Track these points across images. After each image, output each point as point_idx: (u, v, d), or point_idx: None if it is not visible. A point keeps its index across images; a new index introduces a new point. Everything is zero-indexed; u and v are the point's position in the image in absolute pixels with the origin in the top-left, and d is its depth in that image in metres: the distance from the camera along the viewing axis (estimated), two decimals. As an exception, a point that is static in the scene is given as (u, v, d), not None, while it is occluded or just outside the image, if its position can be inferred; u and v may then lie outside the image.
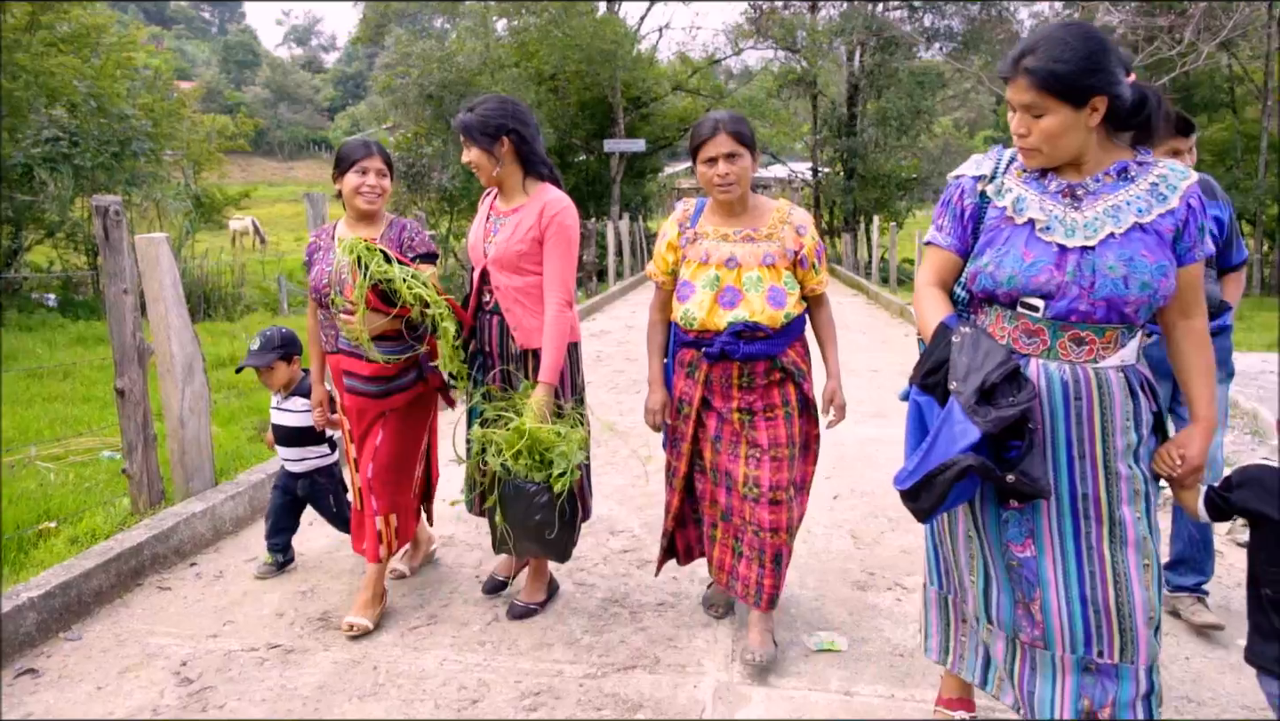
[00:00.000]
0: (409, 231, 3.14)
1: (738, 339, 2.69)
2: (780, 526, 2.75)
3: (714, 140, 2.66)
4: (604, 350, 9.92)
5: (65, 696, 2.71)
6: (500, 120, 2.92)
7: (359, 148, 3.09)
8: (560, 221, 2.93)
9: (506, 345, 3.04)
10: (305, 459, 3.57)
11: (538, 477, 2.78)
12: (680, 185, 34.58)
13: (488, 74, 18.98)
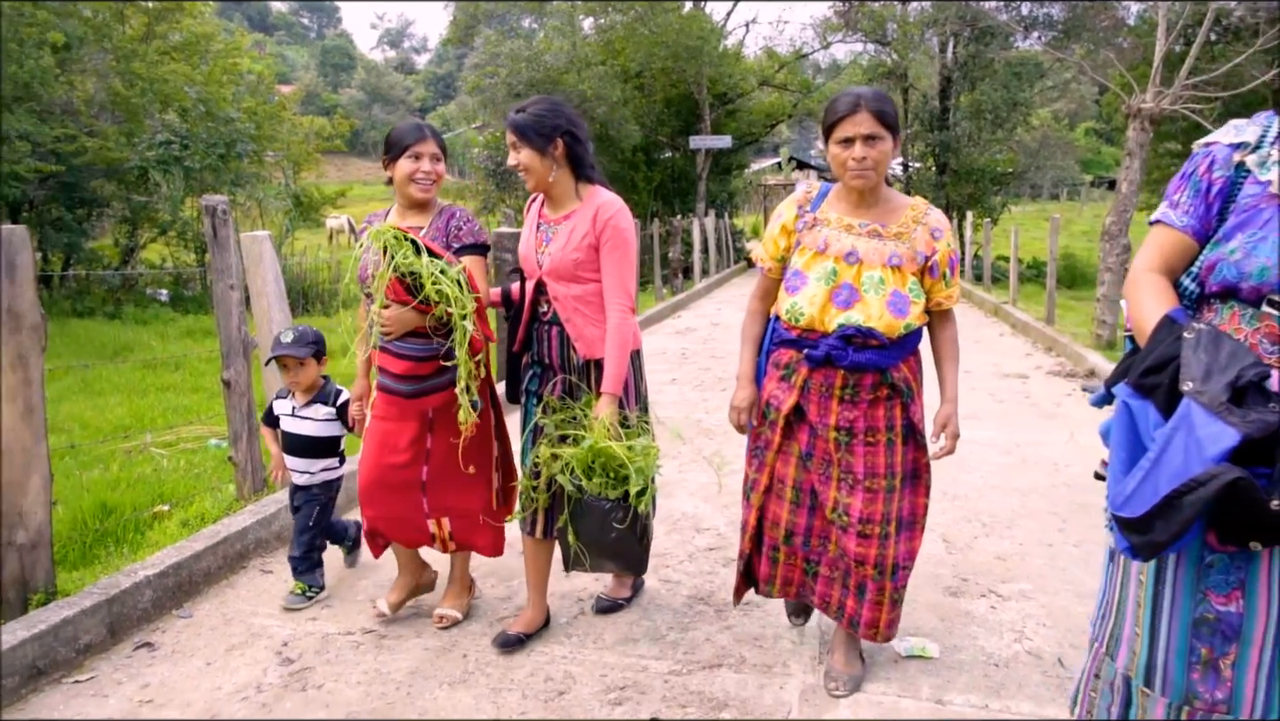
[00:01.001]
0: (457, 220, 2.96)
1: (847, 344, 2.41)
2: (867, 560, 2.50)
3: (853, 118, 2.34)
4: (689, 348, 9.91)
5: (178, 670, 2.86)
6: (555, 120, 2.73)
7: (411, 131, 2.91)
8: (616, 225, 2.76)
9: (568, 356, 2.86)
10: (314, 471, 3.33)
11: (613, 495, 2.63)
12: (767, 181, 34.27)
13: (574, 72, 19.15)
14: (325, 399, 3.31)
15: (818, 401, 2.50)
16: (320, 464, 3.33)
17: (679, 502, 4.48)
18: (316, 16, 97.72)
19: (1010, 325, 11.84)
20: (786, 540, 2.63)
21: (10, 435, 2.85)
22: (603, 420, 2.67)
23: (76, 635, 2.89)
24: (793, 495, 2.60)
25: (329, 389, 3.33)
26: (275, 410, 3.36)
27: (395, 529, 3.04)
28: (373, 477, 2.95)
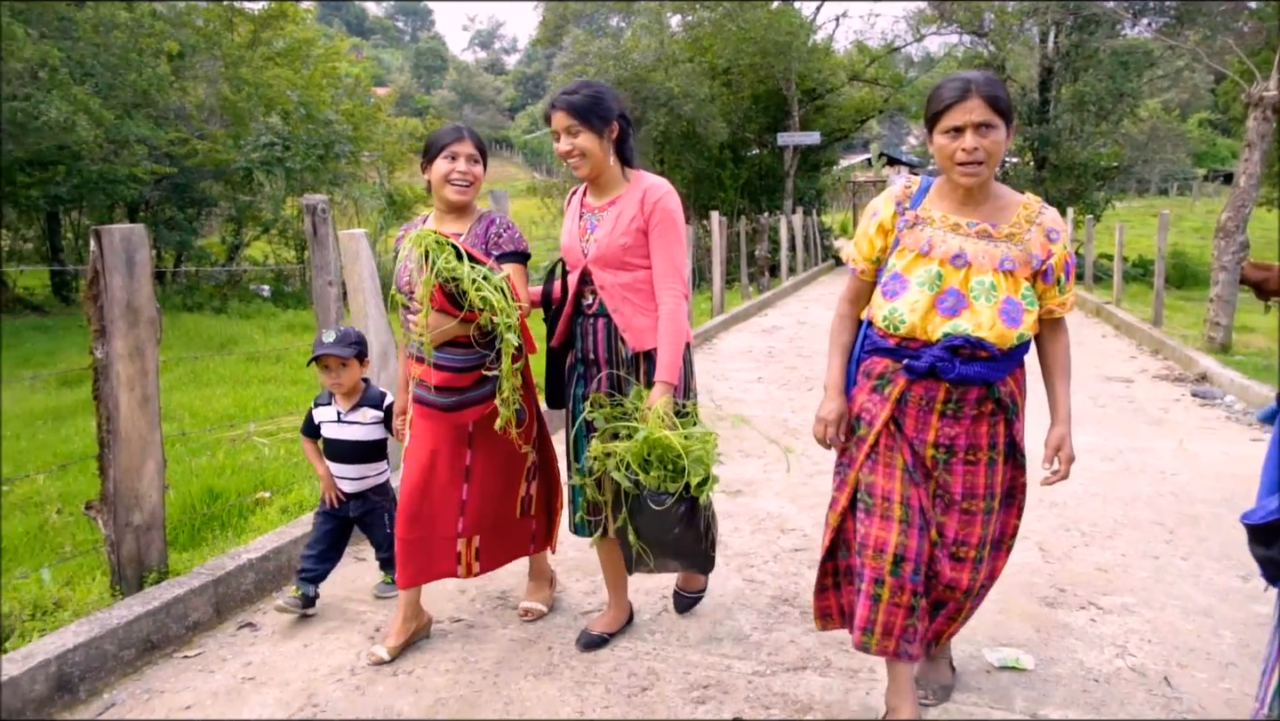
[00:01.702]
0: (497, 227, 2.85)
1: (953, 355, 2.19)
2: (959, 585, 2.33)
3: (963, 105, 2.12)
4: (776, 346, 9.81)
5: (278, 650, 2.98)
6: (611, 102, 2.63)
7: (448, 131, 2.84)
8: (664, 207, 2.64)
9: (616, 350, 2.73)
10: (365, 476, 3.23)
11: (671, 488, 2.48)
12: (856, 178, 33.66)
13: (662, 70, 19.17)
14: (372, 402, 3.21)
15: (915, 416, 2.28)
16: (368, 469, 3.23)
17: (764, 502, 4.44)
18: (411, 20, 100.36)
19: (1113, 326, 11.34)
20: (895, 569, 2.24)
21: (128, 422, 3.01)
22: (656, 409, 2.53)
23: (186, 613, 3.04)
24: (903, 513, 2.27)
25: (373, 391, 3.24)
26: (315, 418, 3.23)
27: (425, 555, 2.89)
28: (413, 501, 2.84)
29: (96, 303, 2.93)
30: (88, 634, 2.73)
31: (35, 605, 2.98)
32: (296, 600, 3.12)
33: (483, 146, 2.89)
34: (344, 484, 3.21)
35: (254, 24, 17.98)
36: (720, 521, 4.11)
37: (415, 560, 2.88)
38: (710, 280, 12.13)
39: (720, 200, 21.21)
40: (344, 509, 3.23)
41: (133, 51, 12.83)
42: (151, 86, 12.96)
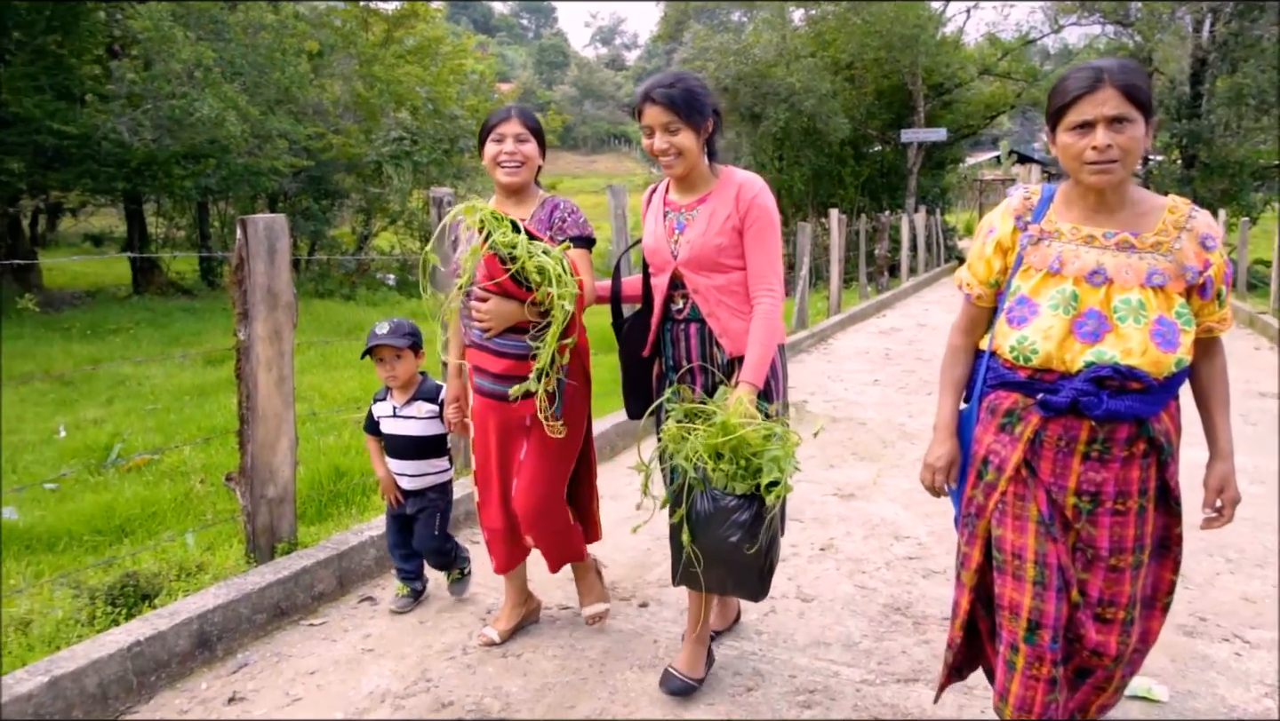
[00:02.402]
0: (561, 211, 2.74)
1: (1099, 388, 1.89)
2: (1107, 650, 2.01)
3: (1093, 96, 1.85)
4: (894, 348, 9.54)
5: (395, 625, 3.10)
6: (706, 97, 2.47)
7: (497, 113, 2.73)
8: (760, 204, 2.48)
9: (711, 355, 2.57)
10: (425, 474, 3.13)
11: (740, 489, 2.29)
12: (984, 176, 32.38)
13: (783, 65, 18.93)
14: (427, 395, 3.12)
15: (1053, 459, 1.97)
16: (427, 465, 3.13)
17: (878, 507, 4.33)
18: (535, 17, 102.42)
19: (1269, 338, 10.53)
20: (1030, 636, 1.98)
21: (265, 401, 3.19)
22: (737, 399, 2.36)
23: (312, 583, 3.20)
24: (1037, 573, 1.99)
25: (429, 385, 3.15)
26: (375, 414, 3.18)
27: (505, 544, 2.90)
28: (482, 492, 2.89)
29: (241, 287, 3.11)
30: (225, 597, 2.90)
31: (181, 566, 3.19)
32: (407, 598, 3.22)
33: (534, 124, 2.75)
34: (403, 480, 3.14)
35: (388, 23, 18.77)
36: (832, 524, 4.06)
37: (498, 550, 2.92)
38: (828, 279, 11.92)
39: (840, 198, 20.79)
40: (404, 507, 3.17)
41: (277, 51, 13.57)
42: (293, 84, 13.68)
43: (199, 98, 11.64)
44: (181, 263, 15.88)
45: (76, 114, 11.52)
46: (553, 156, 18.03)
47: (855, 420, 6.15)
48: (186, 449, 4.93)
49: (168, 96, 11.72)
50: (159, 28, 11.65)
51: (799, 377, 7.79)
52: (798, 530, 4.02)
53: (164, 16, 11.84)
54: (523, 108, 2.77)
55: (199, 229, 16.50)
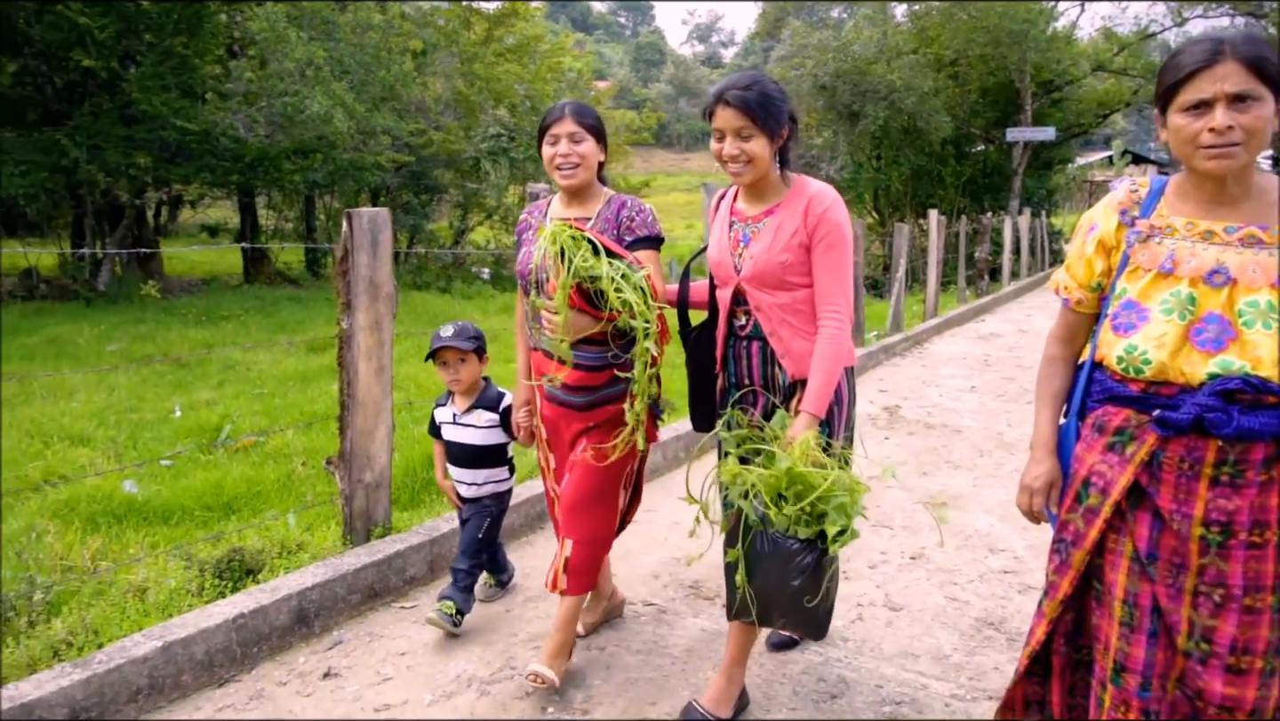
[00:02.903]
0: (629, 210, 2.60)
1: (1228, 402, 1.67)
2: (1241, 705, 1.72)
3: (1211, 72, 1.64)
4: (993, 354, 9.24)
5: (482, 611, 3.16)
6: (783, 103, 2.31)
7: (551, 111, 2.61)
8: (831, 219, 2.31)
9: (771, 376, 2.42)
10: (483, 482, 3.08)
11: (803, 533, 2.14)
12: (1094, 177, 31.01)
13: (883, 62, 18.53)
14: (488, 404, 3.05)
15: (1175, 483, 1.74)
16: (486, 474, 3.07)
17: (972, 518, 4.19)
18: (632, 15, 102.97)
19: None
20: (1115, 677, 1.81)
21: (365, 389, 3.30)
22: (802, 440, 2.20)
23: (405, 567, 3.29)
24: (1125, 613, 1.80)
25: (491, 392, 3.07)
26: (436, 419, 3.14)
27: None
28: (548, 496, 2.91)
29: (345, 278, 3.22)
30: (323, 576, 3.02)
31: (282, 545, 3.33)
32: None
33: (589, 121, 2.59)
34: (461, 488, 3.10)
35: (489, 22, 19.16)
36: (923, 533, 3.96)
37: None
38: (924, 281, 11.61)
39: (939, 198, 20.23)
40: (464, 513, 3.14)
41: (383, 50, 14.02)
42: (397, 82, 14.11)
43: (309, 95, 12.12)
44: (288, 253, 16.58)
45: (198, 111, 12.14)
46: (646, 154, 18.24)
47: (950, 427, 5.97)
48: (289, 432, 5.14)
49: (281, 94, 12.24)
50: (275, 28, 12.18)
51: (892, 381, 7.62)
52: (887, 536, 3.93)
53: (279, 18, 12.38)
54: (578, 104, 2.63)
55: (306, 221, 17.19)
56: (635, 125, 28.21)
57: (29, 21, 11.68)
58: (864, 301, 8.85)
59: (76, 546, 3.40)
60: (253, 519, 3.80)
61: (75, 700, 2.33)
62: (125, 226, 13.21)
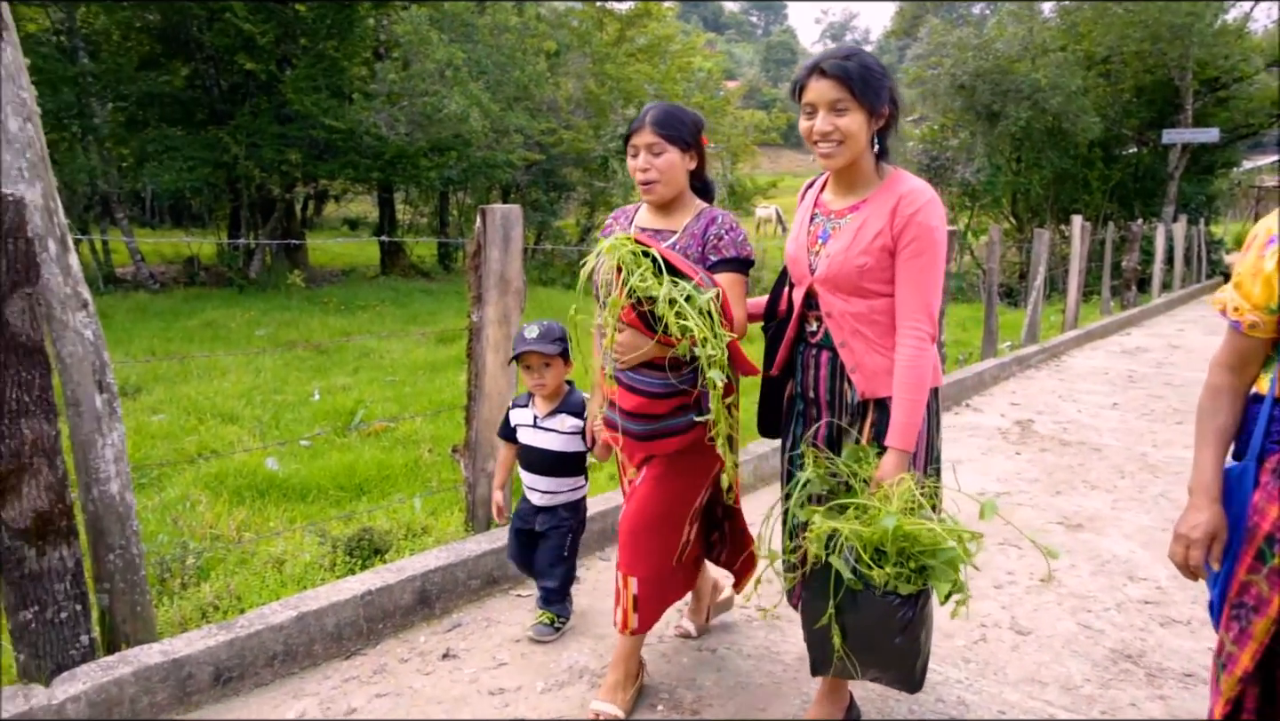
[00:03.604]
0: (718, 227, 2.36)
1: None
2: None
3: None
4: (1138, 370, 8.68)
5: (596, 605, 3.20)
6: (886, 78, 2.06)
7: (633, 122, 2.40)
8: (922, 222, 2.04)
9: (840, 392, 2.21)
10: (557, 491, 2.88)
11: (904, 590, 1.93)
12: (1263, 183, 28.63)
13: (1028, 60, 17.68)
14: (573, 409, 2.84)
15: None
16: (565, 483, 2.89)
17: (1110, 542, 3.95)
18: (765, 14, 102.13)
19: None
20: None
21: (491, 380, 3.39)
22: (900, 489, 1.98)
23: (522, 556, 3.37)
24: None
25: (576, 397, 2.88)
26: (512, 420, 2.95)
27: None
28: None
29: (477, 272, 3.32)
30: (445, 560, 3.12)
31: (408, 527, 3.47)
32: (547, 627, 2.97)
33: (672, 131, 2.34)
34: (533, 495, 2.90)
35: (621, 23, 19.40)
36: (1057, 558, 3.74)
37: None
38: (1064, 291, 11.03)
39: (1084, 203, 19.17)
40: (530, 521, 2.92)
41: (519, 51, 14.40)
42: (531, 82, 14.46)
43: (448, 95, 12.58)
44: (422, 247, 17.26)
45: (344, 111, 12.79)
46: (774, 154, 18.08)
47: (1089, 445, 5.64)
48: (418, 419, 5.35)
49: (421, 94, 12.76)
50: (418, 31, 12.71)
51: (1026, 394, 7.27)
52: (1015, 556, 3.75)
53: (423, 20, 12.90)
54: (661, 110, 2.38)
55: (439, 217, 17.86)
56: (764, 125, 27.96)
57: (200, 29, 12.61)
58: (997, 310, 8.46)
59: (224, 517, 3.64)
60: (381, 501, 3.98)
61: (220, 659, 2.49)
62: (276, 219, 14.05)
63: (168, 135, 12.72)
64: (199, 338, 8.62)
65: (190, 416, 5.49)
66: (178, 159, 12.33)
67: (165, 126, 13.06)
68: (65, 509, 2.28)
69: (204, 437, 5.00)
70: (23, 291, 2.17)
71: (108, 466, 2.44)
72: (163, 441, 4.92)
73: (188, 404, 5.76)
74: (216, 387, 6.28)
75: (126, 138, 13.27)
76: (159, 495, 3.99)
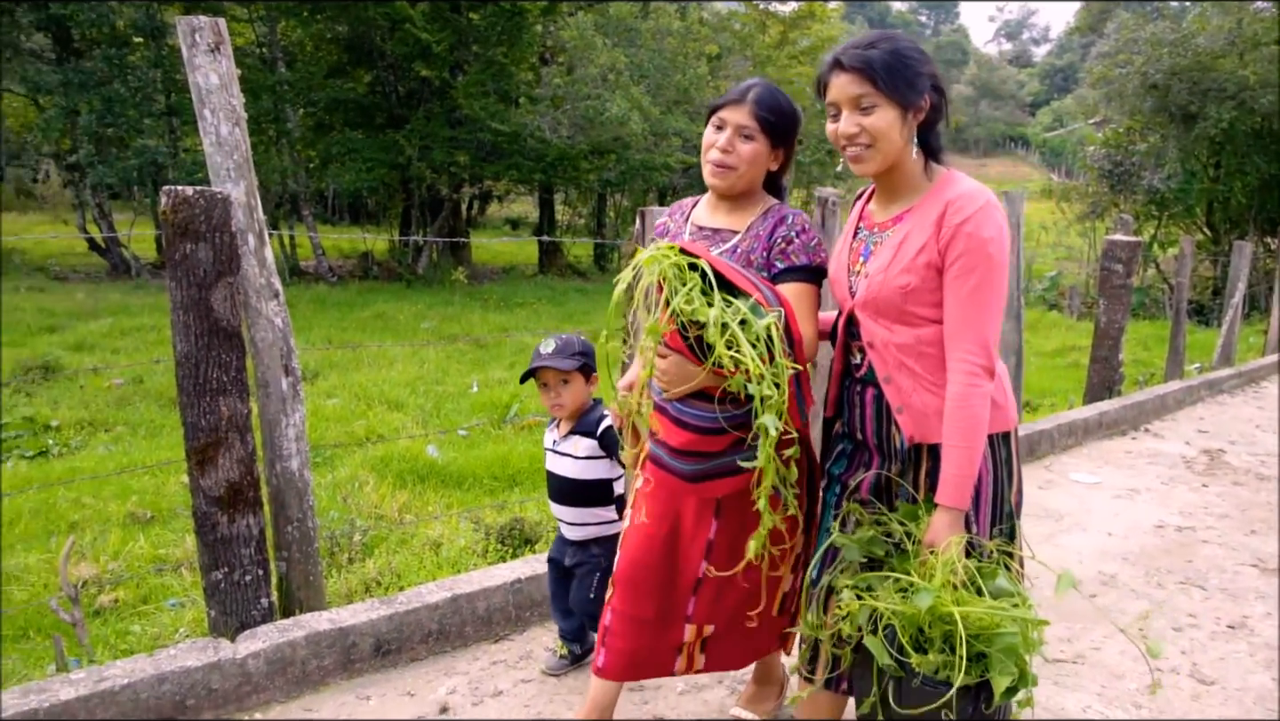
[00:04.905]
0: (787, 228, 1.98)
1: None
2: None
3: None
4: (1348, 398, 7.79)
5: (737, 613, 3.16)
6: (921, 65, 1.74)
7: (730, 92, 2.03)
8: (972, 233, 1.69)
9: (888, 435, 1.88)
10: (586, 523, 2.54)
11: (956, 680, 1.57)
12: None
13: (1234, 55, 16.21)
14: (586, 428, 2.48)
15: None
16: (590, 514, 2.52)
17: (1313, 590, 3.55)
18: (935, 13, 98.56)
19: None
20: None
21: (643, 379, 3.42)
22: (945, 561, 1.66)
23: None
24: None
25: (591, 416, 2.49)
26: (545, 442, 2.64)
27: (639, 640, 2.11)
28: (634, 570, 2.09)
29: (633, 272, 3.36)
30: (591, 555, 3.16)
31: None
32: (563, 660, 2.71)
33: (771, 118, 1.98)
34: (564, 528, 2.60)
35: (784, 25, 19.20)
36: (1247, 600, 3.43)
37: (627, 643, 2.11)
38: (1267, 310, 10.03)
39: (1291, 218, 17.38)
40: (561, 554, 2.63)
41: (680, 55, 14.53)
42: (691, 85, 14.57)
43: (609, 99, 12.86)
44: (579, 247, 17.70)
45: (510, 114, 13.32)
46: (940, 158, 17.18)
47: (1070, 577, 5.10)
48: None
49: (584, 98, 13.10)
50: (583, 36, 13.07)
51: (1216, 422, 6.66)
52: (1199, 598, 3.43)
53: (588, 25, 13.24)
54: (767, 91, 2.01)
55: (597, 218, 18.26)
56: (928, 128, 26.96)
57: (383, 38, 13.44)
58: (1185, 329, 7.80)
59: (388, 498, 3.86)
60: (533, 492, 4.10)
61: (380, 632, 2.64)
62: (443, 218, 14.80)
63: (350, 138, 13.66)
64: (370, 328, 9.18)
65: (360, 402, 5.85)
66: (358, 160, 13.22)
67: (348, 130, 14.03)
68: (253, 481, 2.47)
69: (372, 422, 5.31)
70: (225, 280, 2.37)
71: (290, 444, 2.63)
72: (335, 424, 5.27)
73: (358, 390, 6.14)
74: (385, 376, 6.67)
75: (314, 141, 14.35)
76: (331, 474, 4.27)
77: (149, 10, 13.17)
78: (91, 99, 12.53)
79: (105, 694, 2.20)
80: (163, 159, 12.85)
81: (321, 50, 14.95)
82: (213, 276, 2.34)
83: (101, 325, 8.71)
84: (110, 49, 12.83)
